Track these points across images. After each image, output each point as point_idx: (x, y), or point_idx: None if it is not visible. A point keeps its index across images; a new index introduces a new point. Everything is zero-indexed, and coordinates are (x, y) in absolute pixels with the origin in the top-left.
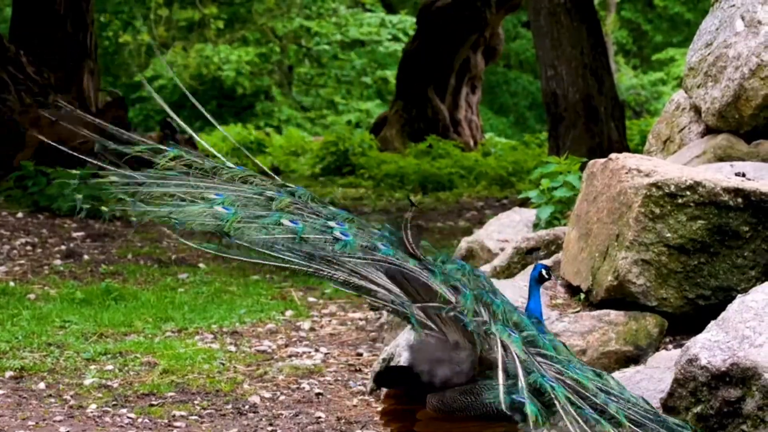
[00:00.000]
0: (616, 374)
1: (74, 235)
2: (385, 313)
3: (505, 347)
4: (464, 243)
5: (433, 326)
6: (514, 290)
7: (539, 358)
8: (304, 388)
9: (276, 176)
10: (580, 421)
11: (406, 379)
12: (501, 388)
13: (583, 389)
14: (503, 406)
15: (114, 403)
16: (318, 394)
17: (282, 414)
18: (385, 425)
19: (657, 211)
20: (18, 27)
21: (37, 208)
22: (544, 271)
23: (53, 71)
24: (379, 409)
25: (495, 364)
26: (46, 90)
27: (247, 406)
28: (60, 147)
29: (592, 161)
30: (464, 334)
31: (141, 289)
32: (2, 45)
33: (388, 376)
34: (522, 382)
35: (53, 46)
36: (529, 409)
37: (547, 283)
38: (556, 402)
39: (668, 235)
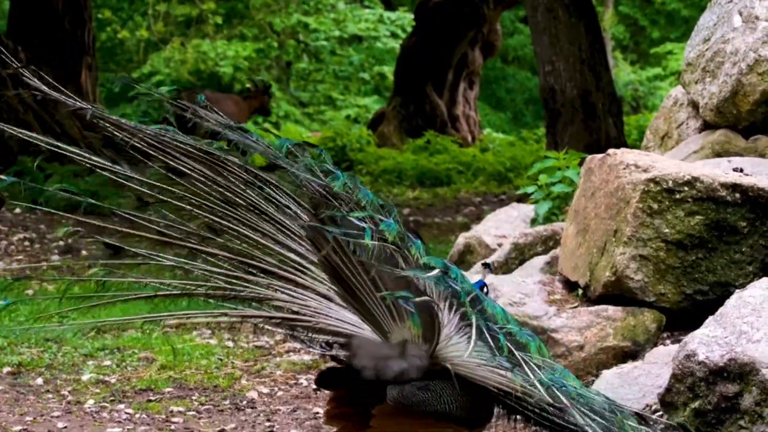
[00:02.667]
0: (614, 370)
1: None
2: None
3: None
4: (462, 238)
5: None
6: (512, 286)
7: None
8: (302, 383)
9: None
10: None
11: (349, 379)
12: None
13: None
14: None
15: (112, 398)
16: (316, 390)
17: (280, 409)
18: (330, 425)
19: (655, 206)
20: (16, 23)
21: (35, 203)
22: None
23: (51, 68)
24: (322, 411)
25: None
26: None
27: (244, 402)
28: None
29: (590, 157)
30: (425, 327)
31: None
32: (0, 41)
33: (330, 377)
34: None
35: (51, 42)
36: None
37: (545, 279)
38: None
39: (666, 230)
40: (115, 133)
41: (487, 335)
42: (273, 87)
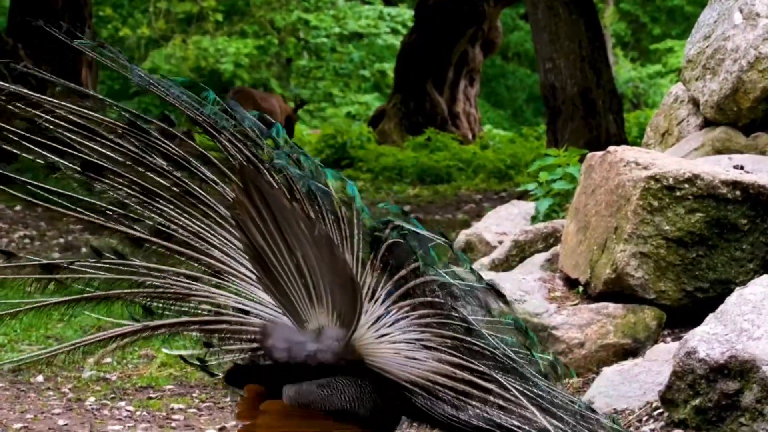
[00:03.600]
0: (615, 367)
1: (72, 227)
2: None
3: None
4: (462, 236)
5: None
6: (513, 283)
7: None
8: None
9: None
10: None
11: (259, 374)
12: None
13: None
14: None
15: (112, 395)
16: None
17: None
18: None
19: (655, 203)
20: (16, 20)
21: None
22: None
23: (51, 65)
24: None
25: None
26: (44, 83)
27: None
28: None
29: (590, 154)
30: (344, 307)
31: None
32: (0, 38)
33: (239, 374)
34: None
35: (51, 39)
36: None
37: (545, 276)
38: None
39: (666, 227)
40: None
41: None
42: (273, 83)
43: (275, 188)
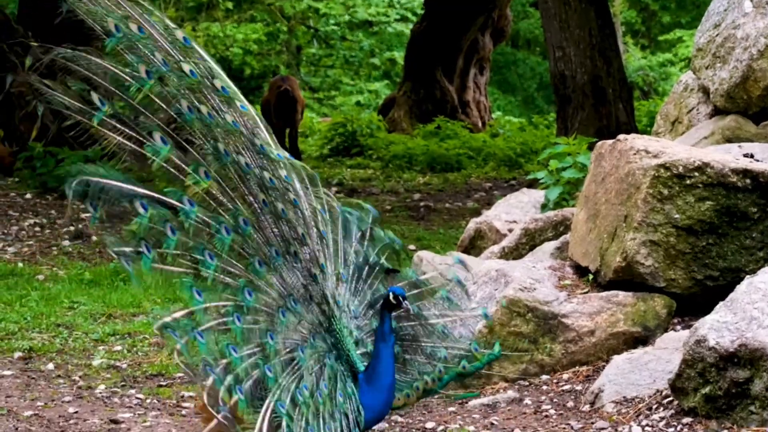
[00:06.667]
0: (625, 355)
1: (82, 215)
2: None
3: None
4: (472, 224)
5: None
6: (523, 271)
7: None
8: None
9: None
10: None
11: None
12: None
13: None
14: None
15: (123, 383)
16: None
17: None
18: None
19: (665, 192)
20: (26, 8)
21: (45, 189)
22: (392, 296)
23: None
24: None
25: None
26: (54, 71)
27: None
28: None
29: (600, 142)
30: None
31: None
32: (10, 26)
33: None
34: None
35: (61, 27)
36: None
37: (555, 264)
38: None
39: (676, 216)
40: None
41: None
42: (283, 71)
43: None
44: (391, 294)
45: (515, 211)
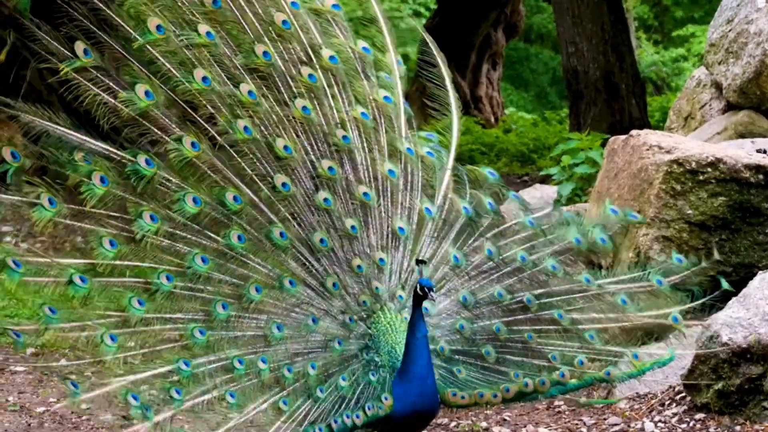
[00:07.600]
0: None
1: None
2: None
3: None
4: None
5: None
6: None
7: None
8: None
9: None
10: None
11: None
12: None
13: None
14: None
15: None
16: None
17: None
18: None
19: (678, 187)
20: (38, 3)
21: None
22: (418, 288)
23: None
24: None
25: None
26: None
27: None
28: None
29: (613, 138)
30: None
31: None
32: (23, 21)
33: None
34: None
35: (74, 21)
36: None
37: (569, 260)
38: None
39: (689, 211)
40: None
41: None
42: None
43: None
44: (418, 286)
45: None
